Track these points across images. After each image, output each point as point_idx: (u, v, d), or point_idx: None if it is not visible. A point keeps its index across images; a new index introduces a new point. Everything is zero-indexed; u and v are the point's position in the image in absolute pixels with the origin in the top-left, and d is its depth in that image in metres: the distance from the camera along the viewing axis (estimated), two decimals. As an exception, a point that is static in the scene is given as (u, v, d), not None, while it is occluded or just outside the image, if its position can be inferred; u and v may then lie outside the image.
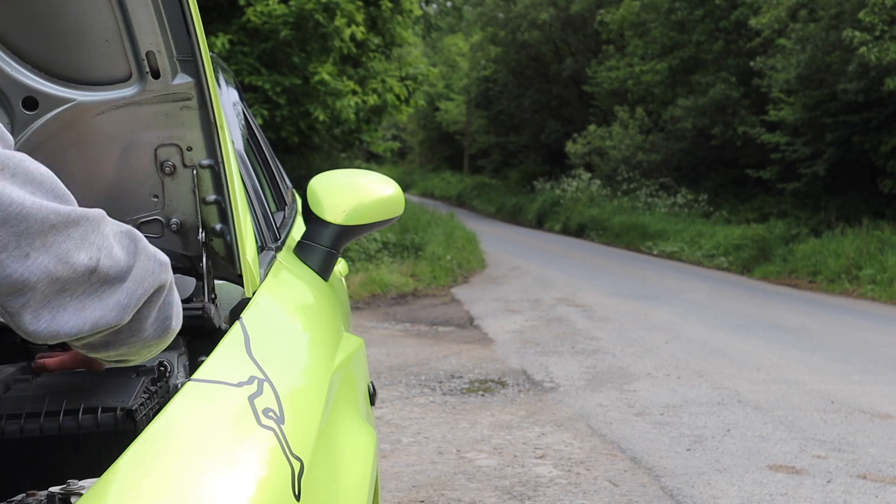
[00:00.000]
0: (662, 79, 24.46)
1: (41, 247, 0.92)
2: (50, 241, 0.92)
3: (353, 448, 1.56)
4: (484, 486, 4.43)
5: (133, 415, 1.24)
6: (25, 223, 0.90)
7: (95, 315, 0.98)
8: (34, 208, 0.91)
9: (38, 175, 0.94)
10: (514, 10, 32.20)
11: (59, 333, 0.96)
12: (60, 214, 0.93)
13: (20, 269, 0.91)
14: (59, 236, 0.93)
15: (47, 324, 0.95)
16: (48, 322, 0.95)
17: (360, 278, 11.21)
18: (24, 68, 1.48)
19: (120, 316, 1.00)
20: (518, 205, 28.58)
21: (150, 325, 1.08)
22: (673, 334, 8.78)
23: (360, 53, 12.83)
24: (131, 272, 1.01)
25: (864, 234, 14.76)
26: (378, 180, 2.31)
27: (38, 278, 0.92)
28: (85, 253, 0.95)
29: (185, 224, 1.58)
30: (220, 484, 1.00)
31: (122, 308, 1.00)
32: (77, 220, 0.95)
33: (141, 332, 1.08)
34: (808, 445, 5.18)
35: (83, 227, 0.96)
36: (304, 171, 11.82)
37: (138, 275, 1.02)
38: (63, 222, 0.94)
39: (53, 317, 0.95)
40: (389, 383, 6.53)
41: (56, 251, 0.93)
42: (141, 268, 1.03)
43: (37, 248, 0.91)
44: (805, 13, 17.82)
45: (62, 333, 0.96)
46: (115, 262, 0.99)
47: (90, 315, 0.97)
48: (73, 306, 0.96)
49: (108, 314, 0.99)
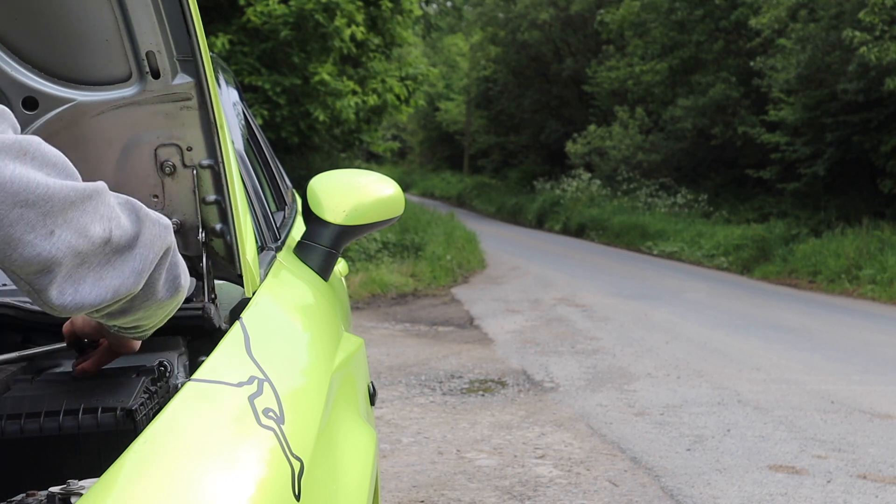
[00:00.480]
0: (662, 79, 24.46)
1: (63, 223, 0.96)
2: (70, 216, 0.96)
3: (353, 448, 1.56)
4: (484, 486, 4.43)
5: (133, 415, 1.24)
6: (50, 203, 0.94)
7: (115, 283, 1.02)
8: (56, 188, 0.95)
9: (53, 157, 0.98)
10: (514, 10, 32.19)
11: (83, 304, 1.00)
12: (77, 191, 0.97)
13: (48, 247, 0.94)
14: (77, 211, 0.97)
15: (71, 297, 0.99)
16: (72, 295, 0.99)
17: (360, 278, 11.21)
18: (24, 68, 1.48)
19: (137, 281, 1.05)
20: (518, 205, 28.58)
21: (161, 286, 1.13)
22: (673, 334, 8.78)
23: (360, 53, 12.83)
24: (139, 238, 1.05)
25: (864, 234, 14.75)
26: (378, 180, 2.31)
27: (64, 254, 0.96)
28: (99, 225, 0.99)
29: (185, 224, 1.58)
30: (221, 484, 1.00)
31: (138, 273, 1.05)
32: (90, 194, 0.99)
33: (155, 294, 1.13)
34: (808, 445, 5.18)
35: (95, 201, 1.00)
36: (304, 171, 11.82)
37: (147, 239, 1.06)
38: (80, 198, 0.98)
39: (77, 290, 0.99)
40: (389, 383, 6.53)
41: (76, 226, 0.97)
42: (148, 233, 1.07)
43: (60, 226, 0.95)
44: (805, 13, 17.82)
45: (86, 304, 1.00)
46: (125, 230, 1.03)
47: (110, 283, 1.02)
48: (92, 277, 1.00)
49: (126, 281, 1.04)
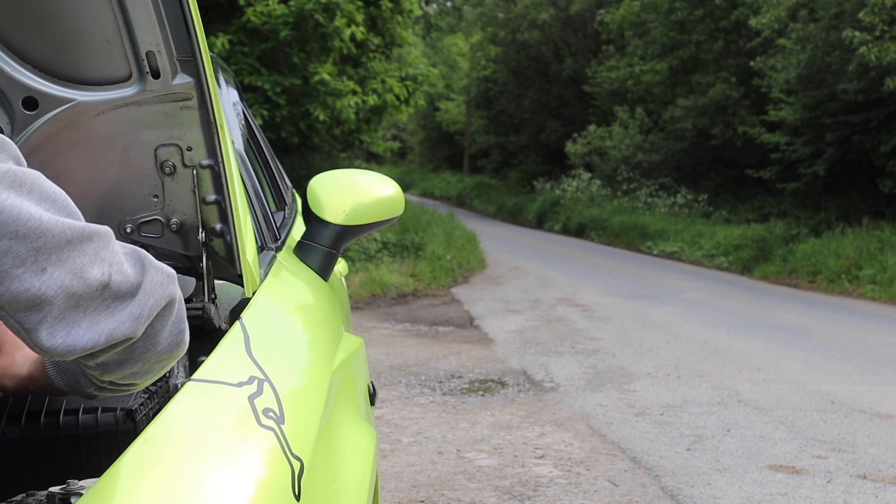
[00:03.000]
0: (662, 79, 24.46)
1: (57, 261, 0.93)
2: (65, 256, 0.93)
3: (353, 448, 1.56)
4: (484, 486, 4.43)
5: (133, 415, 1.24)
6: (43, 238, 0.91)
7: (110, 327, 0.98)
8: (51, 224, 0.92)
9: (52, 192, 0.95)
10: (514, 10, 32.19)
11: (74, 348, 0.96)
12: (76, 230, 0.95)
13: (38, 284, 0.91)
14: (74, 251, 0.94)
15: (63, 339, 0.95)
16: (63, 338, 0.95)
17: (360, 278, 11.21)
18: (24, 68, 1.47)
19: (133, 327, 1.01)
20: (518, 205, 28.58)
21: (164, 338, 1.08)
22: (673, 334, 8.78)
23: (360, 53, 12.83)
24: (141, 287, 1.02)
25: (864, 234, 14.75)
26: (378, 180, 2.31)
27: (55, 293, 0.93)
28: (98, 268, 0.96)
29: (185, 224, 1.58)
30: (221, 484, 1.00)
31: (135, 318, 1.01)
32: (90, 235, 0.96)
33: (156, 346, 1.07)
34: (808, 445, 5.18)
35: (96, 243, 0.97)
36: (304, 171, 11.83)
37: (149, 287, 1.03)
38: (78, 238, 0.95)
39: (69, 332, 0.95)
40: (389, 383, 6.53)
41: (71, 266, 0.94)
42: (150, 280, 1.03)
43: (53, 263, 0.92)
44: (805, 13, 17.82)
45: (78, 348, 0.97)
46: (126, 277, 1.00)
47: (104, 328, 0.98)
48: (87, 321, 0.96)
49: (121, 325, 0.99)
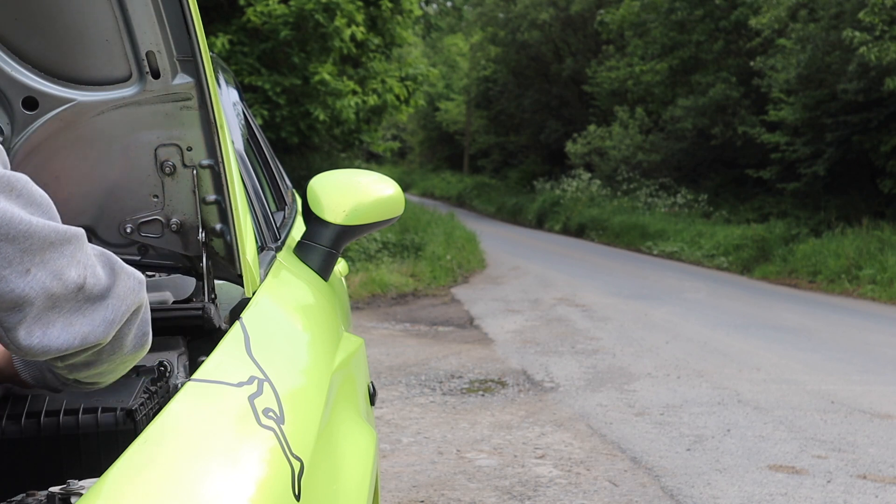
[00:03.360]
0: (662, 79, 24.45)
1: (40, 263, 0.95)
2: (48, 257, 0.95)
3: (353, 448, 1.56)
4: (484, 486, 4.43)
5: (133, 415, 1.24)
6: (30, 241, 0.94)
7: (84, 330, 1.00)
8: (38, 226, 0.95)
9: (38, 196, 0.98)
10: (514, 10, 32.19)
11: (50, 348, 0.98)
12: (58, 232, 0.97)
13: (22, 285, 0.94)
14: (55, 253, 0.96)
15: (39, 339, 0.97)
16: (40, 338, 0.97)
17: (360, 278, 11.21)
18: (24, 68, 1.47)
19: (107, 331, 1.03)
20: (518, 205, 28.57)
21: (130, 340, 1.11)
22: (673, 334, 8.78)
23: (360, 53, 12.83)
24: (112, 290, 1.04)
25: (864, 234, 14.74)
26: (378, 180, 2.31)
27: (37, 294, 0.95)
28: (75, 270, 0.98)
29: (185, 224, 1.58)
30: (221, 484, 1.00)
31: (108, 323, 1.03)
32: (69, 238, 0.98)
33: (122, 348, 1.10)
34: (808, 445, 5.18)
35: (73, 245, 0.99)
36: (304, 171, 11.82)
37: (121, 292, 1.05)
38: (59, 240, 0.97)
39: (45, 332, 0.97)
40: (389, 383, 6.53)
41: (52, 267, 0.96)
42: (122, 285, 1.05)
43: (36, 265, 0.94)
44: (805, 13, 17.81)
45: (53, 348, 0.98)
46: (99, 280, 1.02)
47: (79, 330, 1.00)
48: (61, 322, 0.98)
49: (95, 329, 1.02)
